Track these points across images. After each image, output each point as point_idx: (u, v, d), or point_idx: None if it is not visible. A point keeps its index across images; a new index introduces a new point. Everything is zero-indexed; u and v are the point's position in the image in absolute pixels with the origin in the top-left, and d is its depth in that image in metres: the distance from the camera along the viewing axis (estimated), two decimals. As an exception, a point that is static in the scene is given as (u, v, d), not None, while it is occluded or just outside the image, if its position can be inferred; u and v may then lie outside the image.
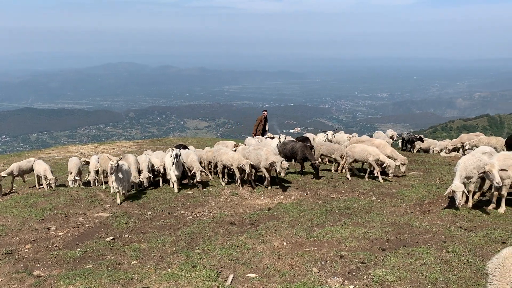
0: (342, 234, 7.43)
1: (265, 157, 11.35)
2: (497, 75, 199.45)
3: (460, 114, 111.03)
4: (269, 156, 11.26)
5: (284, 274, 5.97)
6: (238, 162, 11.69)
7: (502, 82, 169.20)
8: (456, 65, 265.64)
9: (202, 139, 27.31)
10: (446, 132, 58.06)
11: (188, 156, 12.39)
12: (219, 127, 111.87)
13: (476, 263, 6.03)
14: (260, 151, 11.63)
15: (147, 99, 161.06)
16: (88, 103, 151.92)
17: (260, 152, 11.61)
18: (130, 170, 11.43)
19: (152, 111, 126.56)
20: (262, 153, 11.48)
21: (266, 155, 11.36)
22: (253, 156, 11.69)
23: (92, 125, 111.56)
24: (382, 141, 13.68)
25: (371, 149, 12.06)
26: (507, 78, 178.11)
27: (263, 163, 11.33)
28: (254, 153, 11.75)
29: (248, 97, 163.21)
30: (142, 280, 5.94)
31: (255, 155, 11.68)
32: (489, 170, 7.84)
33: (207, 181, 12.75)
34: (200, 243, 7.51)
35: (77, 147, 23.00)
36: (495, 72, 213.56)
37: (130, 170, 11.43)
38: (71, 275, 6.20)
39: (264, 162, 11.32)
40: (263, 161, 11.34)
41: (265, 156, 11.36)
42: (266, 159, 11.30)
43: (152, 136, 75.32)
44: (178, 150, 12.04)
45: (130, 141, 26.18)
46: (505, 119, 71.03)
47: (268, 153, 11.45)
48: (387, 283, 5.54)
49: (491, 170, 7.82)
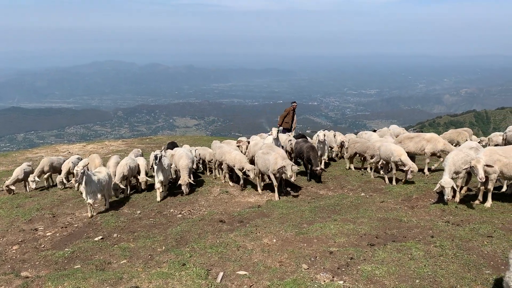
0: (331, 230, 7.47)
1: (273, 161, 10.24)
2: (482, 72, 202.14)
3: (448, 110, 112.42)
4: (277, 161, 10.13)
5: (274, 271, 5.98)
6: (240, 164, 11.04)
7: (488, 78, 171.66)
8: (443, 62, 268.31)
9: (192, 137, 27.22)
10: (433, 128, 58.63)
11: (180, 158, 11.37)
12: (208, 125, 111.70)
13: (463, 257, 6.10)
14: (269, 156, 10.54)
15: (135, 98, 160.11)
16: (76, 102, 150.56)
17: (268, 157, 10.54)
18: (106, 178, 9.84)
19: (140, 109, 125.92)
20: (271, 158, 10.39)
21: (275, 159, 10.25)
22: (261, 161, 10.67)
23: (80, 124, 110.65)
24: (433, 134, 12.50)
25: (393, 147, 10.98)
26: (493, 75, 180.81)
27: (271, 167, 10.29)
28: (262, 158, 10.68)
29: (237, 95, 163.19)
30: (131, 279, 5.91)
31: (262, 160, 10.64)
32: (474, 165, 7.94)
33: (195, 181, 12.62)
34: (189, 242, 7.49)
35: (65, 147, 22.77)
36: (481, 68, 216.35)
37: (106, 178, 9.84)
38: (59, 276, 6.14)
39: (272, 167, 10.27)
40: (271, 166, 10.31)
41: (273, 161, 10.25)
42: (274, 163, 10.21)
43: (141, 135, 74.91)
44: (160, 151, 10.88)
45: (119, 140, 25.99)
46: (491, 114, 72.03)
47: (276, 157, 10.31)
48: (376, 278, 5.58)
49: (476, 165, 7.92)
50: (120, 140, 26.46)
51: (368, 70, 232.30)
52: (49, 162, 12.94)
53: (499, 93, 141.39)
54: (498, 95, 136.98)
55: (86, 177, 9.08)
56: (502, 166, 8.18)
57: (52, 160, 13.14)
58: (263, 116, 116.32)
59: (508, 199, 8.81)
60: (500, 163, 8.18)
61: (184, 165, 10.93)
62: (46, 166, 12.84)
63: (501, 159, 8.21)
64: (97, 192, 9.37)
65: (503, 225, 7.28)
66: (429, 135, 12.27)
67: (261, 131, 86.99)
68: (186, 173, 10.79)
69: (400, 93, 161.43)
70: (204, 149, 13.90)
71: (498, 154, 8.32)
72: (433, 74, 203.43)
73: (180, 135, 40.08)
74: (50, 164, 12.93)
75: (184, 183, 10.66)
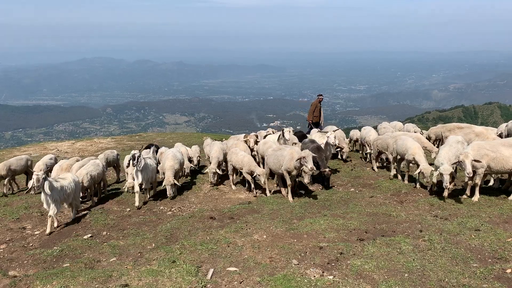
0: (321, 226, 7.50)
1: (289, 156, 9.31)
2: (470, 67, 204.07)
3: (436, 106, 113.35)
4: (294, 155, 9.26)
5: (264, 266, 5.99)
6: (249, 167, 10.33)
7: (476, 74, 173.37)
8: (432, 58, 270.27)
9: (182, 134, 27.09)
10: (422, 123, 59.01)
11: (166, 159, 10.76)
12: (198, 122, 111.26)
13: (451, 251, 6.17)
14: (282, 152, 9.68)
15: (124, 94, 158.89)
16: (64, 99, 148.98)
17: (282, 152, 9.66)
18: (71, 186, 8.76)
19: (130, 106, 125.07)
20: (285, 153, 9.50)
21: (290, 154, 9.34)
22: (272, 159, 9.85)
23: (69, 121, 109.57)
24: (483, 130, 11.71)
25: (410, 144, 10.05)
26: (480, 70, 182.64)
27: (286, 164, 9.31)
28: (274, 155, 9.82)
29: (227, 91, 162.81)
30: (121, 277, 5.88)
31: (275, 157, 9.77)
32: (463, 160, 8.03)
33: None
34: (179, 239, 7.47)
35: (54, 144, 22.49)
36: (469, 64, 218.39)
37: (71, 186, 8.76)
38: (47, 275, 6.08)
39: (287, 163, 9.29)
40: (285, 162, 9.33)
41: (289, 156, 9.32)
42: (290, 158, 9.26)
43: (130, 132, 74.43)
44: (138, 151, 9.86)
45: (108, 137, 25.76)
46: (479, 109, 72.82)
47: (292, 152, 9.43)
48: (366, 273, 5.62)
49: (464, 160, 8.01)
50: (109, 137, 26.23)
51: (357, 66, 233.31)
52: (4, 166, 11.42)
53: (486, 88, 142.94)
54: (486, 91, 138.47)
55: (47, 184, 8.13)
56: (489, 161, 8.27)
57: (9, 163, 11.62)
58: (254, 112, 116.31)
59: (495, 193, 8.93)
60: (488, 157, 8.28)
61: (168, 166, 10.43)
62: (3, 170, 11.34)
63: (489, 154, 8.30)
64: (60, 201, 8.37)
65: (490, 219, 7.38)
66: (479, 129, 11.70)
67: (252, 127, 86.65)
68: (171, 173, 10.27)
69: (389, 89, 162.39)
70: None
71: (485, 148, 8.42)
72: (422, 70, 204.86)
73: (170, 132, 39.89)
74: (7, 168, 11.43)
75: (168, 183, 10.16)
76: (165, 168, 10.44)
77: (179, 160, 10.98)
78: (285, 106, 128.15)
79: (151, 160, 10.46)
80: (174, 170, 10.42)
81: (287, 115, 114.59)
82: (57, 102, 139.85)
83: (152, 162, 10.51)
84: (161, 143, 20.44)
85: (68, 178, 8.90)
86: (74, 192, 8.90)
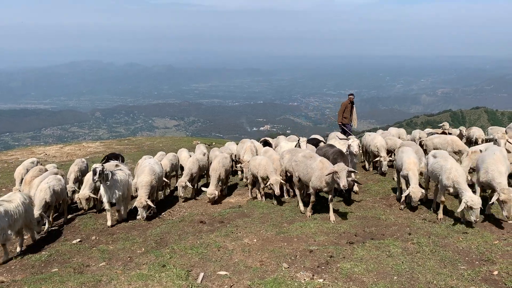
0: (311, 229, 7.54)
1: (319, 173, 7.97)
2: (458, 72, 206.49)
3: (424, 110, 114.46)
4: (325, 165, 8.05)
5: (254, 270, 6.00)
6: (264, 172, 9.28)
7: (463, 79, 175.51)
8: (420, 62, 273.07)
9: (171, 138, 27.00)
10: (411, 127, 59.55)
11: (141, 173, 9.26)
12: (188, 126, 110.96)
13: (439, 253, 6.25)
14: (312, 162, 8.32)
15: (113, 98, 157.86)
16: (52, 103, 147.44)
17: (312, 163, 8.31)
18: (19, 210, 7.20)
19: (119, 110, 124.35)
20: (314, 166, 8.22)
21: (320, 169, 8.01)
22: (302, 167, 8.54)
23: (57, 125, 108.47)
24: None
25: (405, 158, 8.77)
26: (468, 75, 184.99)
27: (316, 181, 8.04)
28: (304, 163, 8.52)
29: (217, 95, 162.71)
30: (110, 281, 5.84)
31: (304, 166, 8.48)
32: None
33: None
34: (169, 243, 7.44)
35: (42, 149, 22.27)
36: (456, 69, 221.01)
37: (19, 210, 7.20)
38: (35, 280, 6.02)
39: (316, 178, 8.02)
40: (315, 177, 8.05)
41: (319, 172, 7.97)
42: (320, 169, 7.98)
43: (119, 136, 73.86)
44: (100, 165, 8.49)
45: (97, 142, 25.58)
46: (466, 114, 73.72)
47: (323, 163, 8.14)
48: (355, 276, 5.66)
49: None
50: (98, 141, 26.05)
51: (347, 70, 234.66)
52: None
53: (474, 93, 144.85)
54: (473, 95, 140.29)
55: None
56: None
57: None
58: (244, 116, 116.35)
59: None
60: None
61: (143, 183, 8.88)
62: None
63: None
64: (6, 229, 6.92)
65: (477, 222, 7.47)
66: None
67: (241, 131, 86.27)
68: (145, 192, 8.74)
69: (378, 94, 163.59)
70: None
71: None
72: (410, 75, 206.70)
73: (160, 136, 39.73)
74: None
75: (140, 205, 8.57)
76: (139, 184, 8.95)
77: (158, 175, 9.46)
78: (275, 110, 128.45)
79: (122, 173, 9.01)
80: (150, 187, 9.00)
81: (277, 119, 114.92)
82: (45, 106, 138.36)
83: (124, 174, 9.03)
84: (151, 147, 20.39)
85: (16, 201, 7.28)
86: (24, 217, 7.40)
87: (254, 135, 69.65)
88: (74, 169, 10.82)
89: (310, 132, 34.44)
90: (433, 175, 8.06)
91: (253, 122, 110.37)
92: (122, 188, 8.67)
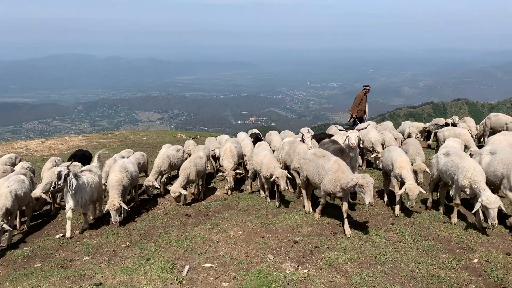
0: (296, 220, 7.59)
1: (333, 175, 6.92)
2: (439, 64, 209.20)
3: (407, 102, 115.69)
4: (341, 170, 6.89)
5: (239, 262, 6.03)
6: (267, 170, 8.44)
7: (444, 71, 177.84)
8: (402, 55, 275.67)
9: (155, 132, 26.76)
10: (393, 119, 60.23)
11: (112, 171, 8.50)
12: (172, 119, 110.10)
13: (421, 242, 6.37)
14: (325, 163, 7.21)
15: (96, 92, 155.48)
16: (33, 97, 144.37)
17: (325, 164, 7.19)
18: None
19: (102, 103, 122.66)
20: (328, 167, 7.09)
21: (335, 171, 6.92)
22: (312, 167, 7.50)
23: (39, 119, 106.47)
24: None
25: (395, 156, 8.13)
26: (449, 68, 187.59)
27: (329, 184, 6.95)
28: (315, 162, 7.47)
29: (202, 88, 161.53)
30: (94, 276, 5.79)
31: (314, 166, 7.44)
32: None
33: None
34: (154, 236, 7.41)
35: (23, 143, 21.83)
36: (437, 61, 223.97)
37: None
38: (18, 275, 5.94)
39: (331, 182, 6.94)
40: (328, 180, 6.98)
41: (333, 175, 6.92)
42: (334, 178, 6.88)
43: (102, 130, 72.98)
44: (66, 168, 7.48)
45: (79, 135, 25.19)
46: (448, 106, 74.88)
47: (339, 166, 6.97)
48: (339, 266, 5.73)
49: None
50: (80, 135, 25.65)
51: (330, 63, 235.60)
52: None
53: (455, 85, 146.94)
54: (454, 87, 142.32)
55: None
56: None
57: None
58: (229, 109, 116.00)
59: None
60: None
61: (112, 182, 8.13)
62: None
63: None
64: None
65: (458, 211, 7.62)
66: None
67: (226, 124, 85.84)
68: (116, 193, 7.99)
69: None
70: None
71: None
72: (393, 67, 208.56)
73: (144, 130, 39.37)
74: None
75: (113, 208, 7.72)
76: (109, 184, 8.22)
77: (130, 173, 8.71)
78: (260, 103, 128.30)
79: (90, 174, 8.27)
80: (122, 187, 8.28)
81: (262, 112, 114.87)
82: (25, 100, 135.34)
83: (93, 176, 8.28)
84: (134, 141, 20.18)
85: None
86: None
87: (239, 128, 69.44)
88: (48, 167, 9.84)
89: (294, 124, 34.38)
90: (447, 175, 7.31)
91: (238, 115, 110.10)
92: (89, 192, 7.93)
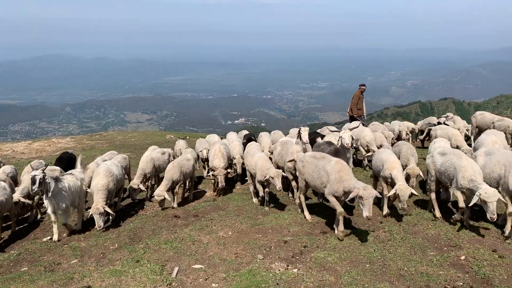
0: (285, 220, 7.61)
1: (336, 175, 6.51)
2: (425, 64, 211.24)
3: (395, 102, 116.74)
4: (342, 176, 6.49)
5: (229, 263, 6.02)
6: (262, 172, 8.09)
7: (431, 71, 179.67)
8: (389, 55, 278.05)
9: (144, 133, 26.62)
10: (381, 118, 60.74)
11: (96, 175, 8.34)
12: (161, 120, 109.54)
13: (410, 240, 6.42)
14: (326, 164, 6.82)
15: (83, 93, 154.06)
16: (20, 98, 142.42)
17: (326, 165, 6.81)
18: None
19: (89, 105, 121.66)
20: (329, 168, 6.70)
21: (338, 171, 6.55)
22: (311, 170, 7.14)
23: (25, 121, 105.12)
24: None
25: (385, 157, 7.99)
26: (435, 67, 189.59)
27: (333, 187, 6.55)
28: (314, 165, 7.09)
29: (190, 89, 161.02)
30: (83, 279, 5.74)
31: (314, 168, 7.06)
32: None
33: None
34: (143, 238, 7.37)
35: (9, 145, 21.54)
36: (424, 61, 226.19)
37: None
38: (4, 279, 5.86)
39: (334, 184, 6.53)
40: (332, 183, 6.57)
41: (337, 175, 6.52)
42: (337, 180, 6.49)
43: (90, 131, 72.29)
44: (40, 171, 7.25)
45: (67, 137, 24.95)
46: (435, 105, 75.62)
47: (341, 166, 6.65)
48: (329, 265, 5.75)
49: None
50: (68, 137, 25.41)
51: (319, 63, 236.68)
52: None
53: (442, 84, 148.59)
54: (441, 87, 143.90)
55: None
56: None
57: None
58: (218, 109, 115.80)
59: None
60: None
61: (98, 187, 8.02)
62: None
63: None
64: None
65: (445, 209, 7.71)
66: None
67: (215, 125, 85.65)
68: (101, 197, 7.90)
69: (350, 86, 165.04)
70: None
71: None
72: (381, 67, 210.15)
73: (132, 131, 39.09)
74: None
75: (96, 212, 7.64)
76: (94, 189, 8.08)
77: (116, 177, 8.58)
78: (249, 103, 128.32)
79: (72, 177, 8.04)
80: (107, 192, 8.18)
81: (252, 112, 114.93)
82: (11, 101, 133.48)
83: (74, 180, 8.03)
84: (123, 142, 20.06)
85: None
86: None
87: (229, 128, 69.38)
88: (28, 170, 9.39)
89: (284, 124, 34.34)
90: (446, 175, 7.08)
91: (227, 115, 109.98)
92: (70, 197, 7.66)
